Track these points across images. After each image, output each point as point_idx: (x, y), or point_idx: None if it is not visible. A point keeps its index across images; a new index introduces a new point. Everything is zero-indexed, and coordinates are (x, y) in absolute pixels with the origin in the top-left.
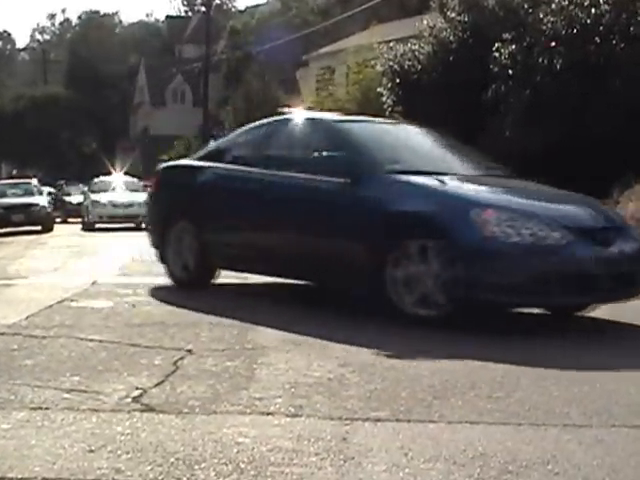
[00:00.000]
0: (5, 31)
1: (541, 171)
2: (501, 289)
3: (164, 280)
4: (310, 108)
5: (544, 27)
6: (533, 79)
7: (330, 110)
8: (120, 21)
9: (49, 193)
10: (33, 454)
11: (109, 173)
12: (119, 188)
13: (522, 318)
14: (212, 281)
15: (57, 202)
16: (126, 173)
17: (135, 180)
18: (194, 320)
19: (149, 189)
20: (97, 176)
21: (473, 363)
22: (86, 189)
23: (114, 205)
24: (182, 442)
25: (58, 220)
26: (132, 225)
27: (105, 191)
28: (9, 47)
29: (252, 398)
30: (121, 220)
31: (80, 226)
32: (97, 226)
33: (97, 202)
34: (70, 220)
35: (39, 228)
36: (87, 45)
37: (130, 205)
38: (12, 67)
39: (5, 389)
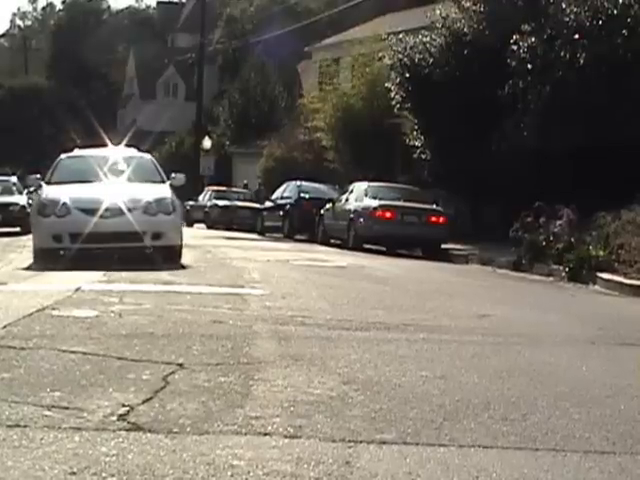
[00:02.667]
0: None
1: (562, 175)
2: None
3: (154, 287)
4: (311, 103)
5: (566, 18)
6: (554, 74)
7: (334, 106)
8: (108, 7)
9: (29, 192)
10: (10, 476)
11: (102, 145)
12: (110, 173)
13: (544, 337)
14: None
15: None
16: (130, 146)
17: (147, 157)
18: (185, 331)
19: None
20: (68, 150)
21: (486, 381)
22: (38, 176)
23: (86, 210)
24: (172, 464)
25: None
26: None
27: (81, 181)
28: None
29: (248, 417)
30: (106, 242)
31: None
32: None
33: (52, 203)
34: None
35: (18, 229)
36: (72, 32)
37: (129, 209)
38: None
39: None
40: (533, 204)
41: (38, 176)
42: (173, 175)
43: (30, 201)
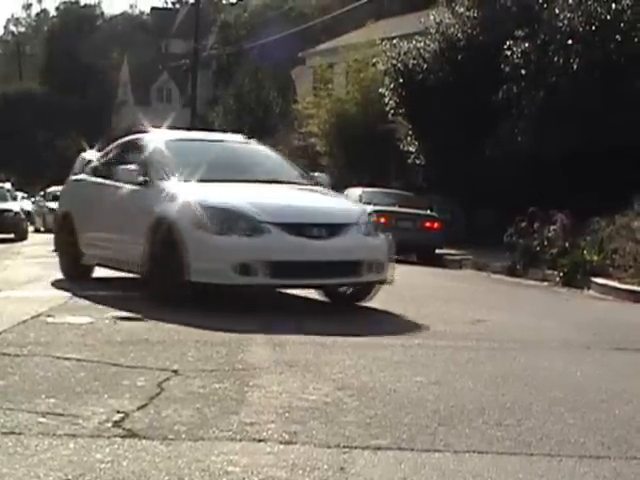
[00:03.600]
0: None
1: (556, 180)
2: None
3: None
4: (306, 109)
5: (560, 24)
6: (548, 80)
7: (328, 111)
8: (102, 13)
9: (24, 198)
10: None
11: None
12: (245, 169)
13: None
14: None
15: None
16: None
17: (270, 149)
18: (180, 338)
19: None
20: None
21: (481, 387)
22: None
23: (288, 227)
24: (167, 471)
25: None
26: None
27: (215, 180)
28: None
29: (243, 423)
30: (315, 278)
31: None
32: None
33: (226, 213)
34: None
35: (12, 236)
36: (66, 38)
37: (343, 226)
38: None
39: None
40: (527, 209)
41: (133, 167)
42: (315, 174)
43: (30, 207)
